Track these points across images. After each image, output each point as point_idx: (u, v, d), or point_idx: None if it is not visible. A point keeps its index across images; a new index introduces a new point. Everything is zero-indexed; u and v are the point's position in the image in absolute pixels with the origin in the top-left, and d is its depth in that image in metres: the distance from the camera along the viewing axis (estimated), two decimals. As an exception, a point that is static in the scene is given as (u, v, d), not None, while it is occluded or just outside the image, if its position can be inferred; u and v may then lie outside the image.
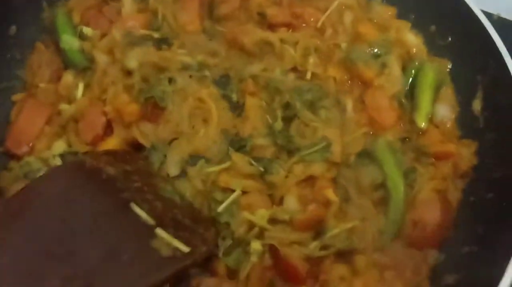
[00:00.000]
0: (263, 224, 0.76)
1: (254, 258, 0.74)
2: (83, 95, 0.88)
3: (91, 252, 0.64)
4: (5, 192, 0.79)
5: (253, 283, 0.74)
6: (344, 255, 0.76)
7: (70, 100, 0.88)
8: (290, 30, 0.93)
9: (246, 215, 0.75)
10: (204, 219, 0.76)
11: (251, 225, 0.76)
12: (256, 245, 0.75)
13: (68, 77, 0.90)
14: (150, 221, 0.69)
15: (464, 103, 0.88)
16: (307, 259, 0.75)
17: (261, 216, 0.76)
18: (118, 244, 0.66)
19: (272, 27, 0.93)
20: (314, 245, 0.75)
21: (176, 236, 0.69)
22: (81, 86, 0.88)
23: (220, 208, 0.75)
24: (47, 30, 0.94)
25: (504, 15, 1.31)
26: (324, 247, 0.75)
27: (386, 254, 0.77)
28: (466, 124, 0.87)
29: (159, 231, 0.68)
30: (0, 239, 0.63)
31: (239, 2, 0.95)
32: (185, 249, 0.68)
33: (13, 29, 0.91)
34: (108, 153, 0.79)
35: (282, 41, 0.90)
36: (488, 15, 1.36)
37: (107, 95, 0.86)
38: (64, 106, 0.87)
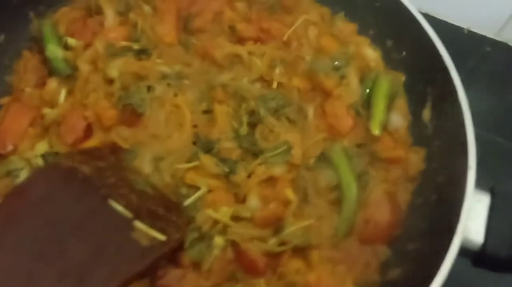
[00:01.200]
0: (226, 220, 0.82)
1: (216, 252, 0.81)
2: (65, 100, 0.95)
3: (80, 248, 0.70)
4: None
5: (215, 275, 0.80)
6: (300, 251, 0.82)
7: (53, 104, 0.94)
8: (258, 43, 1.01)
9: (209, 212, 0.82)
10: (175, 207, 0.82)
11: (215, 221, 0.82)
12: (219, 240, 0.81)
13: (52, 83, 0.97)
14: (128, 214, 0.75)
15: (415, 113, 0.96)
16: (266, 254, 0.81)
17: (224, 213, 0.82)
18: (103, 239, 0.72)
19: (241, 40, 1.01)
20: (273, 241, 0.82)
21: (153, 226, 0.75)
22: (63, 92, 0.95)
23: (187, 202, 0.82)
24: (34, 39, 1.01)
25: (474, 29, 1.40)
26: (282, 243, 0.81)
27: (339, 249, 0.84)
28: (417, 132, 0.94)
29: (137, 223, 0.75)
30: None
31: (211, 16, 1.03)
32: (162, 237, 0.75)
33: (2, 37, 0.98)
34: (80, 152, 0.86)
35: (250, 53, 0.97)
36: (459, 29, 1.45)
37: (88, 101, 0.93)
38: (47, 110, 0.93)
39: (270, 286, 0.80)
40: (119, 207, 0.76)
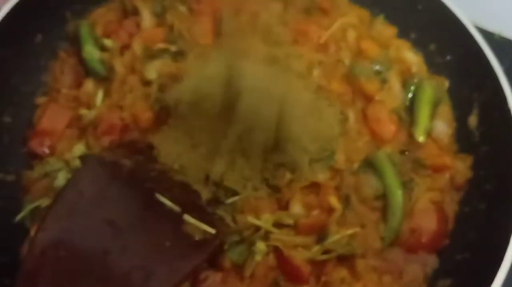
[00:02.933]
0: (268, 227, 0.80)
1: (258, 257, 0.78)
2: (102, 101, 0.93)
3: (140, 244, 0.68)
4: (28, 190, 0.84)
5: (257, 281, 0.78)
6: (345, 259, 0.80)
7: (89, 106, 0.93)
8: (295, 46, 0.98)
9: (251, 219, 0.79)
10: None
11: (257, 227, 0.80)
12: (261, 246, 0.79)
13: (89, 84, 0.95)
14: (176, 208, 0.73)
15: (461, 119, 0.93)
16: (310, 261, 0.79)
17: (266, 220, 0.80)
18: (158, 234, 0.70)
19: (277, 43, 0.99)
20: (316, 249, 0.79)
21: (202, 219, 0.73)
22: (100, 94, 0.94)
23: (229, 201, 0.80)
24: (70, 40, 1.00)
25: (505, 34, 1.37)
26: (326, 251, 0.79)
27: (384, 259, 0.82)
28: (463, 139, 0.92)
29: (187, 217, 0.73)
30: (56, 238, 0.65)
31: (247, 18, 1.01)
32: (212, 230, 0.73)
33: (39, 37, 0.97)
34: (120, 145, 0.83)
35: (287, 55, 0.95)
36: (490, 34, 1.42)
37: (124, 102, 0.92)
38: (84, 112, 0.92)
39: None
40: (167, 201, 0.73)
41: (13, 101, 0.93)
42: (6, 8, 0.88)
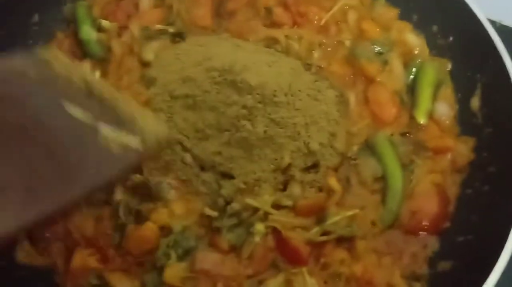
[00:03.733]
0: (267, 208, 0.79)
1: (257, 239, 0.78)
2: (99, 82, 0.93)
3: (38, 155, 0.58)
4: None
5: (256, 262, 0.77)
6: (344, 241, 0.79)
7: (86, 87, 0.92)
8: (295, 27, 0.97)
9: (249, 201, 0.79)
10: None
11: (256, 208, 0.79)
12: (259, 227, 0.78)
13: (86, 66, 0.94)
14: (90, 118, 0.63)
15: (463, 101, 0.91)
16: (309, 243, 0.78)
17: (265, 201, 0.79)
18: (62, 145, 0.60)
19: (276, 24, 0.97)
20: (315, 230, 0.79)
21: (122, 130, 0.64)
22: (97, 74, 0.93)
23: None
24: (68, 20, 0.99)
25: (506, 23, 1.35)
26: (325, 233, 0.78)
27: (384, 241, 0.81)
28: (465, 121, 0.90)
29: (103, 127, 0.63)
30: None
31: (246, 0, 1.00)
32: (134, 141, 0.63)
33: (35, 17, 0.96)
34: None
35: (287, 37, 0.94)
36: (491, 23, 1.39)
37: (121, 83, 0.91)
38: (81, 92, 0.91)
39: (313, 275, 0.76)
40: (78, 111, 0.63)
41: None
42: (2, -13, 0.88)
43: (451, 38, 0.95)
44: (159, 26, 0.96)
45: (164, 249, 0.77)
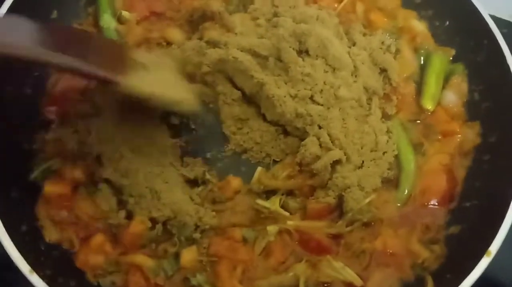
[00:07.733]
0: (276, 208, 0.83)
1: (271, 238, 0.82)
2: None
3: None
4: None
5: (273, 256, 0.81)
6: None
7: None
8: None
9: (260, 201, 0.83)
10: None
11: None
12: (272, 229, 0.82)
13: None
14: None
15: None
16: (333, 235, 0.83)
17: (273, 201, 0.84)
18: None
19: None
20: (340, 223, 0.83)
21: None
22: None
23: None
24: (86, 14, 1.02)
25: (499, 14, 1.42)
26: (349, 223, 0.83)
27: (398, 216, 0.86)
28: (471, 106, 0.95)
29: None
30: None
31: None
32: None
33: (54, 13, 0.97)
34: None
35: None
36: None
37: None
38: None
39: (338, 258, 0.81)
40: None
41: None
42: (22, -16, 0.88)
43: (447, 22, 1.01)
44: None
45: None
